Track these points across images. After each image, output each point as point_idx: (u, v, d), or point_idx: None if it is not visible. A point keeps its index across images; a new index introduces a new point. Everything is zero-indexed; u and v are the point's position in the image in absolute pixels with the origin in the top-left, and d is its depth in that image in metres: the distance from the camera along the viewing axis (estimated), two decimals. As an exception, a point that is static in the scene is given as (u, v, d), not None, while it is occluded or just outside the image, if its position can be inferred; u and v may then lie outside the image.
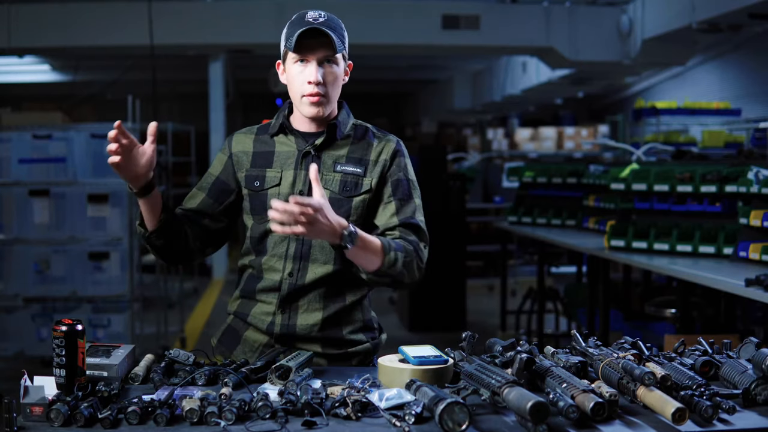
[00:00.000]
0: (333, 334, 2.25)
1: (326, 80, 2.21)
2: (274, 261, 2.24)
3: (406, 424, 1.67)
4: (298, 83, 2.22)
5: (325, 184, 2.23)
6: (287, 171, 2.27)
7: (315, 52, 2.19)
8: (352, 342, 2.28)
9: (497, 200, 10.92)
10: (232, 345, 2.31)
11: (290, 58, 2.23)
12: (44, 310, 6.35)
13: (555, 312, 7.04)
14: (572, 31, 10.24)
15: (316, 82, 2.19)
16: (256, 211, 2.28)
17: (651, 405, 1.69)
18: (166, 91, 11.18)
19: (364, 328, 2.31)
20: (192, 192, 2.38)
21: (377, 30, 10.08)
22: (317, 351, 2.23)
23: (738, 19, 8.25)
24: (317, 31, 2.17)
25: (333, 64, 2.22)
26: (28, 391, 1.73)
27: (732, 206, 4.55)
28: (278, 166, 2.28)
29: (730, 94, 11.07)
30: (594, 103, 17.22)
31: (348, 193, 2.24)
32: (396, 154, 2.29)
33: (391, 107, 20.68)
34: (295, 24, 2.22)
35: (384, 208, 2.26)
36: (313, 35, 2.17)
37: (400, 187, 2.27)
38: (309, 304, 2.24)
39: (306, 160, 2.26)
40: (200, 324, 8.18)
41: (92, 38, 9.98)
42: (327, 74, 2.21)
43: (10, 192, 6.31)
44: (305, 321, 2.23)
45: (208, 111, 11.36)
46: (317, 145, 2.26)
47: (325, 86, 2.21)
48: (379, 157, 2.28)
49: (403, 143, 2.34)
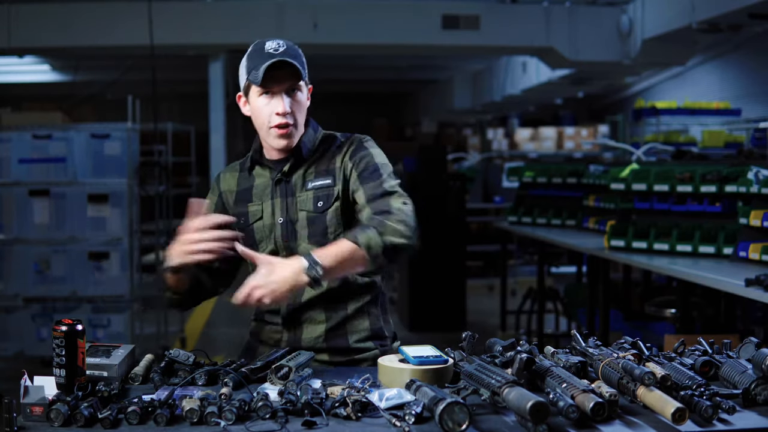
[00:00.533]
0: (339, 344, 2.27)
1: (293, 109, 2.22)
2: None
3: (406, 424, 1.67)
4: (264, 115, 2.22)
5: (301, 206, 2.26)
6: (266, 202, 2.30)
7: (281, 84, 2.20)
8: (359, 350, 2.29)
9: (497, 200, 10.91)
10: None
11: (254, 91, 2.23)
12: (44, 310, 6.36)
13: (555, 312, 7.04)
14: (572, 31, 10.23)
15: (284, 112, 2.20)
16: (248, 245, 2.24)
17: (651, 405, 1.69)
18: (166, 91, 11.17)
19: (372, 337, 2.31)
20: None
21: (377, 30, 10.07)
22: (324, 360, 2.25)
23: (738, 19, 8.24)
24: (281, 62, 2.17)
25: (297, 92, 2.23)
26: (28, 391, 1.73)
27: (732, 206, 4.55)
28: (258, 199, 2.31)
29: (730, 94, 11.06)
30: (594, 103, 17.22)
31: (323, 207, 2.25)
32: (356, 149, 2.27)
33: (391, 107, 20.66)
34: (255, 57, 2.21)
35: (358, 198, 2.23)
36: (278, 66, 2.17)
37: (365, 171, 2.23)
38: (311, 319, 2.27)
39: (279, 187, 2.29)
40: (200, 324, 8.17)
41: (92, 38, 9.97)
42: (294, 103, 2.22)
43: (10, 192, 6.32)
44: (310, 335, 2.27)
45: (208, 111, 11.34)
46: (285, 172, 2.28)
47: (293, 115, 2.22)
48: (343, 160, 2.28)
49: (368, 138, 2.32)
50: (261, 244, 2.29)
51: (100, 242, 6.27)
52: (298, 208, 2.26)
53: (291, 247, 2.26)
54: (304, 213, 2.25)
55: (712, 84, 11.85)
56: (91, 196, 6.23)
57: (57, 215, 6.27)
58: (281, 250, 2.27)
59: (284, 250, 2.26)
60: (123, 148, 6.28)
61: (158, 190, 6.92)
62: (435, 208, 7.79)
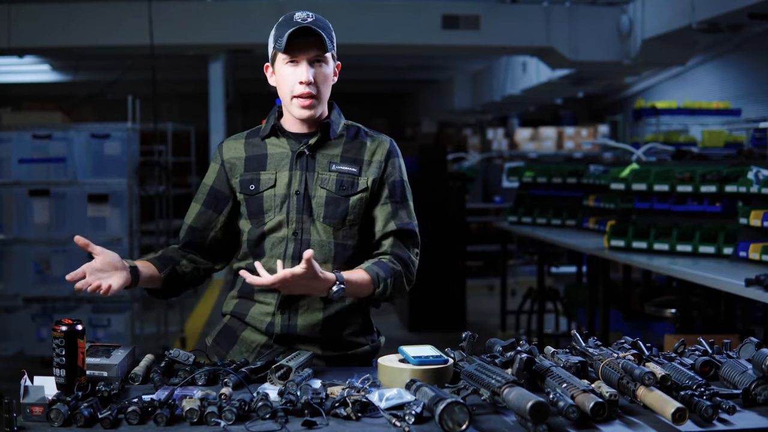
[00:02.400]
0: (333, 336, 2.25)
1: (317, 80, 2.20)
2: (272, 262, 2.22)
3: (406, 424, 1.67)
4: (288, 84, 2.21)
5: (322, 184, 2.24)
6: (282, 172, 2.26)
7: (305, 52, 2.19)
8: (351, 344, 2.28)
9: (497, 200, 10.92)
10: (229, 345, 2.30)
11: (280, 60, 2.23)
12: (44, 310, 6.35)
13: (555, 312, 7.04)
14: (572, 31, 10.24)
15: (307, 81, 2.18)
16: (253, 214, 2.26)
17: (651, 405, 1.69)
18: (166, 91, 11.17)
19: (364, 330, 2.31)
20: (190, 206, 2.37)
21: (377, 30, 10.08)
22: (316, 353, 2.22)
23: (738, 19, 8.25)
24: (307, 30, 2.17)
25: (323, 64, 2.22)
26: (28, 391, 1.73)
27: (732, 206, 4.55)
28: (272, 168, 2.27)
29: (730, 94, 11.07)
30: (594, 103, 17.22)
31: (345, 192, 2.24)
32: (390, 154, 2.30)
33: (391, 107, 20.67)
34: (283, 25, 2.21)
35: (381, 210, 2.27)
36: (303, 35, 2.17)
37: (397, 190, 2.29)
38: (309, 305, 2.23)
39: (300, 160, 2.26)
40: (200, 324, 8.18)
41: (92, 38, 9.98)
42: (318, 74, 2.21)
43: (10, 192, 6.31)
44: (306, 321, 2.22)
45: (208, 111, 11.35)
46: (311, 145, 2.26)
47: (317, 86, 2.20)
48: (373, 157, 2.28)
49: (395, 143, 2.34)
50: (267, 213, 2.24)
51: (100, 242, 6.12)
52: (319, 185, 2.23)
53: (302, 221, 2.22)
54: (324, 191, 2.23)
55: (712, 84, 11.85)
56: (91, 196, 6.23)
57: (57, 215, 6.26)
58: (291, 223, 2.23)
59: (294, 222, 2.22)
60: (123, 148, 6.28)
61: (158, 190, 6.92)
62: (435, 208, 7.78)
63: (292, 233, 2.23)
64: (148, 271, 2.23)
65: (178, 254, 2.34)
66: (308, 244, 2.22)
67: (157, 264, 2.27)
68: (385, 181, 2.28)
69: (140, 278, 2.19)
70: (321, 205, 2.23)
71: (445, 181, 8.17)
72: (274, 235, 2.24)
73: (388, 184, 2.28)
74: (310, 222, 2.23)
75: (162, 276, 2.26)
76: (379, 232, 2.27)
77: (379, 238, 2.27)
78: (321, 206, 2.23)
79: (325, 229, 2.23)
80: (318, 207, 2.23)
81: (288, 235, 2.23)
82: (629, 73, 12.42)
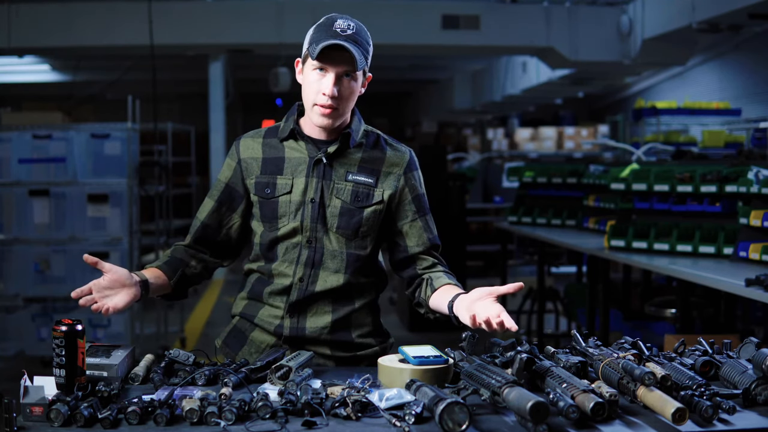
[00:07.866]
0: (342, 338, 2.25)
1: (342, 94, 2.16)
2: (284, 267, 2.22)
3: (406, 424, 1.67)
4: (313, 91, 2.17)
5: (338, 194, 2.22)
6: (298, 178, 2.23)
7: (335, 65, 2.14)
8: (361, 345, 2.28)
9: (497, 200, 10.91)
10: (238, 346, 2.30)
11: (310, 63, 2.18)
12: (44, 310, 6.35)
13: (555, 312, 7.04)
14: (572, 31, 10.24)
15: (331, 95, 2.14)
16: (266, 218, 2.25)
17: (651, 405, 1.69)
18: (166, 91, 11.18)
19: (373, 332, 2.31)
20: (204, 201, 2.36)
21: (377, 30, 9.99)
22: (326, 353, 2.23)
23: (738, 19, 8.24)
24: (342, 45, 2.12)
25: (352, 80, 2.18)
26: (28, 391, 1.73)
27: (732, 206, 4.55)
28: (289, 173, 2.24)
29: (730, 94, 11.07)
30: (594, 103, 17.22)
31: (360, 203, 2.23)
32: (410, 167, 2.31)
33: (391, 107, 20.66)
34: (322, 30, 2.16)
35: (411, 226, 2.29)
36: (338, 48, 2.12)
37: (423, 204, 2.32)
38: (318, 308, 2.23)
39: (318, 167, 2.23)
40: (200, 324, 8.17)
41: (92, 38, 9.98)
42: (344, 88, 2.16)
43: (10, 192, 6.31)
44: (315, 324, 2.23)
45: (208, 111, 11.35)
46: (329, 153, 2.23)
47: (339, 99, 2.16)
48: (392, 169, 2.27)
49: (414, 154, 2.34)
50: (281, 219, 2.23)
51: (100, 242, 6.27)
52: (335, 195, 2.22)
53: (316, 230, 2.21)
54: (339, 201, 2.21)
55: (712, 84, 11.85)
56: (91, 196, 6.23)
57: (57, 215, 6.26)
58: (305, 231, 2.21)
59: (308, 231, 2.21)
60: (123, 148, 6.28)
61: (158, 190, 6.92)
62: (435, 208, 7.74)
63: (306, 240, 2.22)
64: (157, 281, 2.22)
65: (186, 255, 2.32)
66: (322, 252, 2.22)
67: (167, 271, 2.26)
68: (408, 194, 2.29)
69: (150, 290, 2.19)
70: (335, 215, 2.21)
71: (445, 181, 8.17)
72: (288, 241, 2.23)
73: (413, 198, 2.29)
74: (324, 231, 2.22)
75: (172, 283, 2.26)
76: (415, 247, 2.29)
77: (417, 253, 2.29)
78: (335, 216, 2.21)
79: (338, 239, 2.22)
80: (332, 217, 2.22)
81: (302, 242, 2.22)
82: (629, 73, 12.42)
